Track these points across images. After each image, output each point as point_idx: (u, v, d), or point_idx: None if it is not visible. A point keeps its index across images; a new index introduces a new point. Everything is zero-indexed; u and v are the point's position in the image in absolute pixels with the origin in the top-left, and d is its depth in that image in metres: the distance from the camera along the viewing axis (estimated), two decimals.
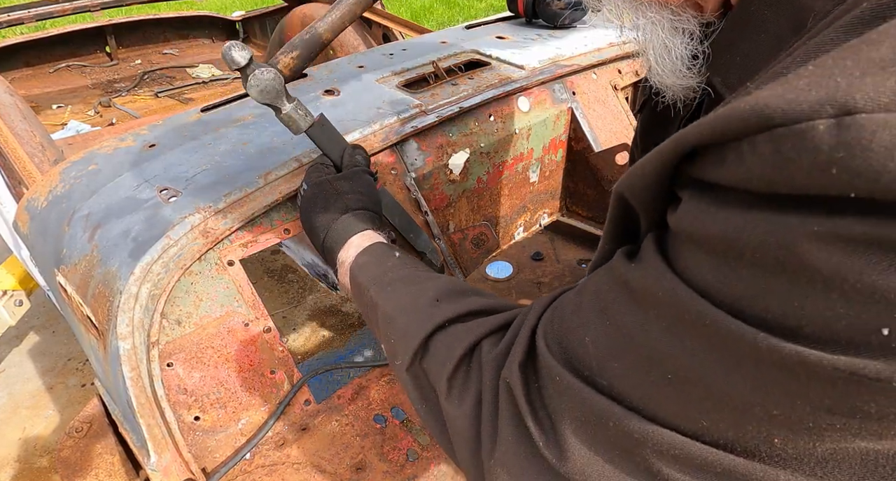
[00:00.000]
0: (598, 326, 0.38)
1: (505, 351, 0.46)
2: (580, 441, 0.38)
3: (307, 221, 0.76)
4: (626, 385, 0.36)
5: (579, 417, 0.38)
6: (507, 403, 0.43)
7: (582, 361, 0.39)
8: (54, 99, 2.57)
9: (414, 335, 0.53)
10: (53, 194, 0.94)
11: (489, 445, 0.44)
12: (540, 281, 1.14)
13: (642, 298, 0.35)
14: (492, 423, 0.44)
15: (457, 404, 0.47)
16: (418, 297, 0.57)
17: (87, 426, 0.86)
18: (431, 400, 0.52)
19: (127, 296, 0.73)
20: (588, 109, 1.27)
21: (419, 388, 0.53)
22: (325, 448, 0.76)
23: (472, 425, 0.46)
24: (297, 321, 2.37)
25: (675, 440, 0.34)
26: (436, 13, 6.04)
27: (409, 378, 0.53)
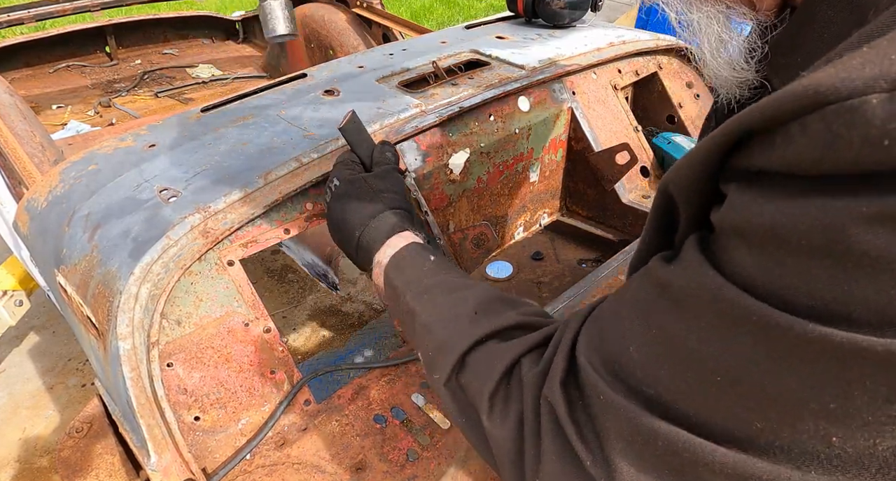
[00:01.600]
0: (641, 334, 0.38)
1: (545, 368, 0.46)
2: (627, 460, 0.37)
3: (339, 219, 0.74)
4: (673, 392, 0.35)
5: (626, 436, 0.37)
6: (549, 422, 0.42)
7: (626, 371, 0.38)
8: (54, 99, 2.57)
9: (452, 350, 0.52)
10: (53, 194, 0.94)
11: (533, 465, 0.43)
12: (540, 280, 1.14)
13: (685, 300, 0.35)
14: (535, 443, 0.43)
15: (499, 423, 0.47)
16: (456, 308, 0.57)
17: (87, 426, 0.86)
18: (471, 417, 0.51)
19: (127, 297, 0.73)
20: (588, 109, 1.27)
21: (457, 403, 0.52)
22: (325, 448, 0.76)
23: (515, 444, 0.45)
24: (298, 321, 2.37)
25: (728, 457, 0.32)
26: (436, 13, 6.04)
27: (447, 392, 0.53)
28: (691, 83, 1.46)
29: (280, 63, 2.73)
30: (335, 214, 0.75)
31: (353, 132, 0.80)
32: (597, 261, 1.27)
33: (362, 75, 1.18)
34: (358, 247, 0.72)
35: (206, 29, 3.11)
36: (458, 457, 0.77)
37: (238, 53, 3.03)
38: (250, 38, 3.15)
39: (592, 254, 1.30)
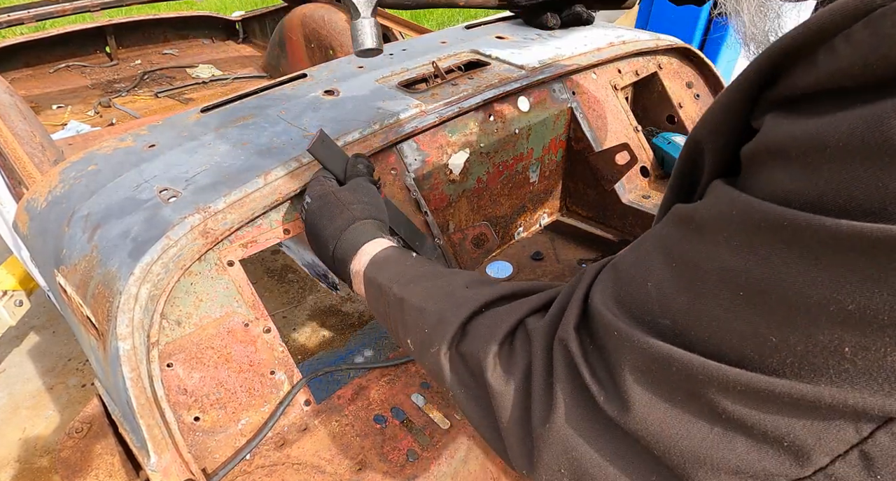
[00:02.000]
0: (661, 268, 0.38)
1: (555, 318, 0.46)
2: (642, 390, 0.37)
3: (314, 236, 0.77)
4: (690, 317, 0.35)
5: (640, 366, 0.37)
6: (562, 364, 0.42)
7: (643, 307, 0.38)
8: (54, 99, 2.57)
9: (451, 320, 0.52)
10: (53, 195, 0.94)
11: (543, 413, 0.42)
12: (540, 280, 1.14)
13: (711, 225, 0.35)
14: (545, 389, 0.43)
15: (504, 379, 0.46)
16: (449, 286, 0.57)
17: (87, 426, 0.86)
18: (470, 385, 0.51)
19: (127, 297, 0.73)
20: (588, 109, 1.27)
21: (456, 373, 0.52)
22: (325, 448, 0.76)
23: (521, 397, 0.45)
24: (297, 321, 2.37)
25: (741, 376, 0.33)
26: (435, 13, 6.04)
27: (447, 363, 0.52)
28: (691, 83, 1.46)
29: (280, 63, 2.73)
30: (310, 230, 0.77)
31: (322, 151, 0.82)
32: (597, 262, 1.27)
33: (362, 75, 1.18)
34: (334, 261, 0.73)
35: (206, 29, 3.11)
36: (458, 457, 0.77)
37: (238, 53, 3.03)
38: (250, 38, 3.15)
39: (592, 255, 1.30)
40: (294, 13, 2.60)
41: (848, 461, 0.32)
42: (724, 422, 0.34)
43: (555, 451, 0.42)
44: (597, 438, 0.40)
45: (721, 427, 0.34)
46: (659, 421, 0.36)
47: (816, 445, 0.32)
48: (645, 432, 0.37)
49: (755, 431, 0.33)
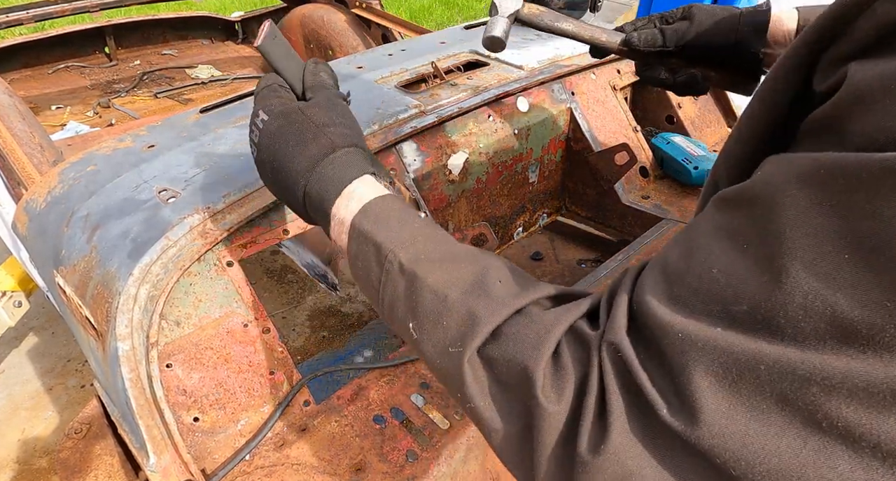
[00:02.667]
0: (726, 252, 0.33)
1: (603, 326, 0.40)
2: (717, 397, 0.31)
3: (274, 167, 0.58)
4: (776, 298, 0.30)
5: (714, 368, 0.32)
6: (616, 374, 0.36)
7: (709, 297, 0.33)
8: (53, 100, 2.57)
9: (484, 319, 0.43)
10: (52, 195, 0.94)
11: (596, 435, 0.36)
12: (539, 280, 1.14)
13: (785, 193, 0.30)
14: (598, 408, 0.37)
15: (556, 397, 0.39)
16: (481, 275, 0.47)
17: (86, 427, 0.86)
18: (498, 397, 0.43)
19: (126, 297, 0.73)
20: (587, 109, 1.27)
21: (480, 382, 0.43)
22: (324, 449, 0.76)
23: (571, 418, 0.38)
24: (297, 322, 2.37)
25: (853, 367, 0.27)
26: (435, 13, 6.04)
27: (469, 369, 0.44)
28: None
29: None
30: (267, 160, 0.59)
31: (276, 51, 0.63)
32: (596, 262, 1.27)
33: (362, 75, 1.18)
34: (306, 201, 0.57)
35: (205, 29, 3.11)
36: (458, 458, 0.77)
37: (237, 54, 3.03)
38: (249, 38, 3.15)
39: (592, 255, 1.30)
40: (293, 14, 2.61)
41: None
42: (824, 433, 0.29)
43: (608, 477, 0.35)
44: (661, 460, 0.34)
45: (819, 439, 0.29)
46: (740, 436, 0.31)
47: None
48: (721, 449, 0.31)
49: (864, 443, 0.28)
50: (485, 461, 0.79)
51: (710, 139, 1.47)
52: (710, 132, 1.48)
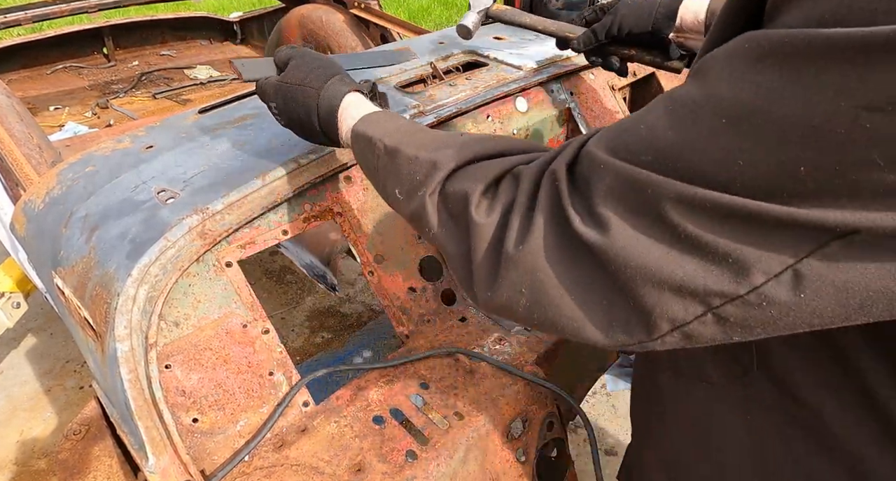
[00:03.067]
0: (658, 113, 0.39)
1: (546, 162, 0.47)
2: (616, 213, 0.40)
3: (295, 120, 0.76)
4: (674, 150, 0.37)
5: (617, 189, 0.40)
6: (547, 195, 0.45)
7: (630, 147, 0.40)
8: (52, 100, 2.56)
9: (444, 164, 0.54)
10: (51, 196, 0.93)
11: (519, 237, 0.45)
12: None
13: (718, 66, 0.36)
14: (525, 217, 0.46)
15: (486, 213, 0.49)
16: (448, 137, 0.59)
17: (85, 428, 0.86)
18: (449, 224, 0.53)
19: (125, 298, 0.72)
20: (586, 109, 1.27)
21: (438, 213, 0.54)
22: (323, 449, 0.76)
23: (500, 227, 0.47)
24: (296, 322, 2.36)
25: (708, 195, 0.35)
26: (434, 14, 6.04)
27: (430, 204, 0.54)
28: None
29: None
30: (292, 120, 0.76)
31: (255, 70, 0.81)
32: None
33: (361, 76, 1.18)
34: (321, 128, 0.73)
35: (203, 30, 3.11)
36: (458, 458, 0.77)
37: (236, 54, 3.02)
38: (248, 39, 3.15)
39: None
40: (292, 14, 2.60)
41: (780, 280, 0.35)
42: (681, 243, 0.37)
43: (521, 271, 0.45)
44: (564, 262, 0.43)
45: (679, 247, 0.37)
46: (626, 240, 0.39)
47: (757, 263, 0.35)
48: (612, 252, 0.40)
49: (707, 250, 0.36)
50: (484, 461, 0.79)
51: None
52: None
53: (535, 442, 0.84)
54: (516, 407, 0.82)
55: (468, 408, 0.80)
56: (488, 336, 0.92)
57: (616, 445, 1.90)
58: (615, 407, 2.03)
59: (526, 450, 0.83)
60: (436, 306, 0.97)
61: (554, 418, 0.86)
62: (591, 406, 2.02)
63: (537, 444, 0.84)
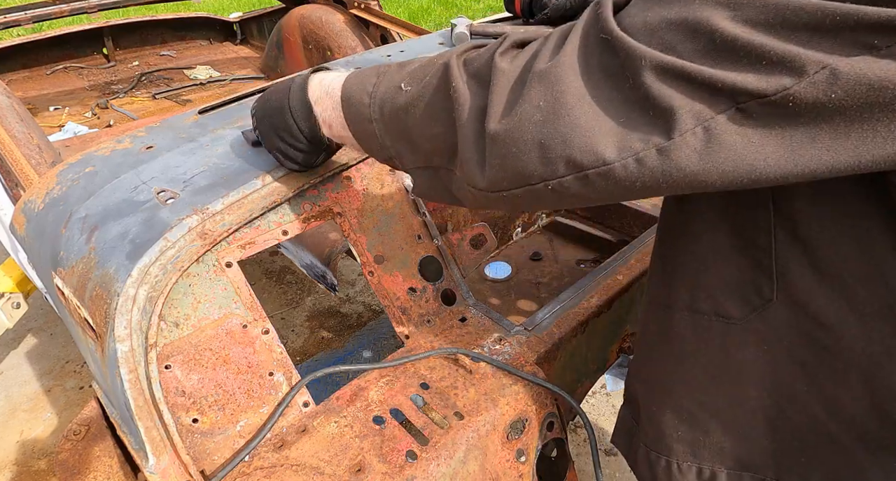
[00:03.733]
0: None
1: (572, 24, 0.49)
2: (653, 18, 0.42)
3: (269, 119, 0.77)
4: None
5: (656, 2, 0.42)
6: (589, 13, 0.46)
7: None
8: (51, 101, 2.56)
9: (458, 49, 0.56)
10: (50, 196, 0.93)
11: (550, 55, 0.47)
12: (539, 281, 1.14)
13: None
14: (557, 42, 0.48)
15: (510, 59, 0.50)
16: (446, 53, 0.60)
17: (85, 428, 0.86)
18: (470, 83, 0.53)
19: (125, 299, 0.72)
20: None
21: (462, 72, 0.54)
22: (323, 449, 0.76)
23: (525, 64, 0.48)
24: (296, 322, 2.37)
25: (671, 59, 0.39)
26: (434, 14, 6.04)
27: (455, 63, 0.54)
28: None
29: (278, 64, 2.73)
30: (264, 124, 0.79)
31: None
32: (595, 262, 1.27)
33: None
34: (293, 115, 0.73)
35: (203, 30, 3.11)
36: (458, 458, 0.77)
37: (236, 55, 3.03)
38: (248, 39, 3.15)
39: (591, 255, 1.30)
40: (291, 14, 2.60)
41: (695, 133, 0.39)
42: (718, 46, 0.38)
43: (546, 84, 0.45)
44: (591, 72, 0.44)
45: (714, 48, 0.39)
46: (660, 42, 0.41)
47: (683, 115, 0.39)
48: (640, 50, 0.41)
49: (743, 51, 0.38)
50: (484, 461, 0.79)
51: None
52: None
53: (535, 442, 0.84)
54: (516, 407, 0.82)
55: (468, 408, 0.80)
56: (488, 336, 0.92)
57: None
58: (615, 407, 2.03)
59: (526, 450, 0.83)
60: (436, 306, 0.97)
61: (554, 418, 0.86)
62: (591, 406, 2.02)
63: (537, 444, 0.84)
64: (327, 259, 1.33)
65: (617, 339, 1.09)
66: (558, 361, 0.94)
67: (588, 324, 0.96)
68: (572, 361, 0.98)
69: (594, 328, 0.99)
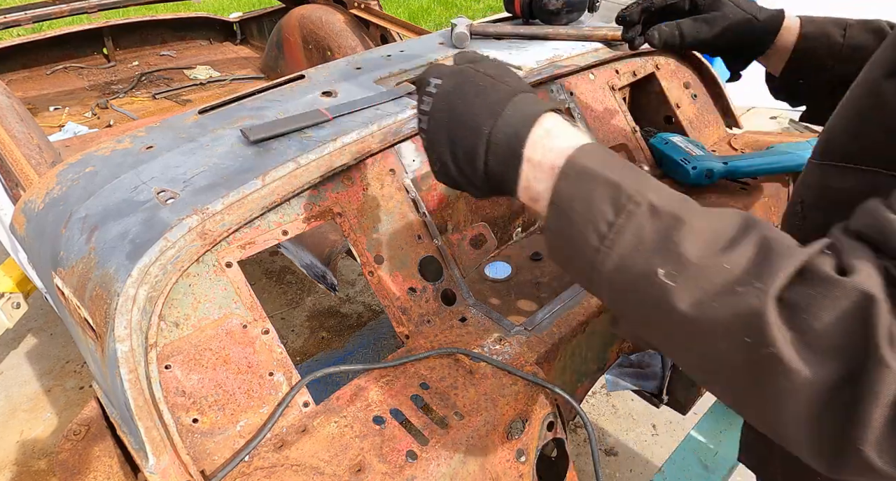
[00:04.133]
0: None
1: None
2: None
3: (451, 125, 0.56)
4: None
5: None
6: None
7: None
8: (51, 101, 2.57)
9: (783, 258, 0.40)
10: (50, 196, 0.93)
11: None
12: (539, 281, 1.14)
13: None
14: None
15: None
16: (749, 220, 0.45)
17: (85, 428, 0.86)
18: (813, 340, 0.38)
19: (125, 299, 0.72)
20: (585, 110, 1.27)
21: (788, 322, 0.39)
22: (324, 449, 0.76)
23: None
24: (296, 322, 2.37)
25: None
26: (433, 14, 6.05)
27: (773, 308, 0.39)
28: (689, 83, 1.46)
29: (278, 64, 2.73)
30: (443, 120, 0.57)
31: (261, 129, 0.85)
32: None
33: (360, 76, 1.18)
34: (489, 154, 0.54)
35: (203, 30, 3.11)
36: (458, 458, 0.77)
37: (236, 55, 3.03)
38: (248, 39, 3.15)
39: None
40: (292, 14, 2.60)
41: None
42: None
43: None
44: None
45: None
46: None
47: None
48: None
49: None
50: (485, 461, 0.79)
51: (709, 139, 1.47)
52: (709, 132, 1.48)
53: (534, 442, 0.84)
54: (516, 407, 0.82)
55: (468, 408, 0.80)
56: (488, 336, 0.92)
57: (616, 445, 1.91)
58: (615, 407, 2.03)
59: (526, 450, 0.83)
60: (436, 306, 0.97)
61: (554, 418, 0.86)
62: (591, 406, 2.02)
63: (537, 444, 0.84)
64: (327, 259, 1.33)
65: (617, 340, 1.09)
66: (558, 361, 0.94)
67: (588, 324, 0.96)
68: (572, 361, 0.98)
69: (594, 328, 0.99)
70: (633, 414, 2.00)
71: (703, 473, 1.43)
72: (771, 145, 1.34)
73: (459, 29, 1.33)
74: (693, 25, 0.87)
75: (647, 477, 1.79)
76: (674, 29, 0.87)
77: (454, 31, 1.34)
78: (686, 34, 0.87)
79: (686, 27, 0.87)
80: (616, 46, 1.35)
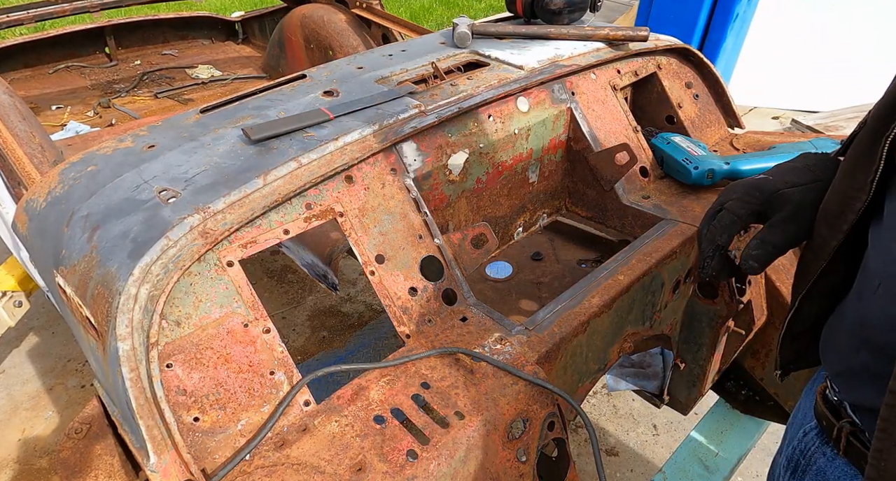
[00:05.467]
0: None
1: None
2: None
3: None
4: None
5: None
6: None
7: None
8: (54, 100, 2.57)
9: None
10: (52, 195, 0.94)
11: None
12: (540, 281, 1.14)
13: None
14: None
15: None
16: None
17: (86, 427, 0.86)
18: None
19: (126, 297, 0.73)
20: (587, 109, 1.27)
21: None
22: (324, 448, 0.76)
23: None
24: (297, 322, 2.37)
25: None
26: (435, 14, 6.05)
27: None
28: (690, 83, 1.46)
29: (279, 64, 2.73)
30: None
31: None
32: (596, 262, 1.27)
33: (362, 76, 1.18)
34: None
35: (205, 29, 3.12)
36: (458, 457, 0.77)
37: (237, 54, 3.03)
38: (250, 38, 3.15)
39: (592, 255, 1.30)
40: (293, 14, 2.60)
41: None
42: None
43: None
44: None
45: None
46: None
47: None
48: None
49: None
50: (485, 461, 0.79)
51: (710, 139, 1.47)
52: (710, 132, 1.48)
53: (535, 442, 0.84)
54: (517, 407, 0.82)
55: (468, 408, 0.80)
56: (489, 336, 0.92)
57: (617, 445, 1.90)
58: (616, 407, 2.03)
59: (526, 450, 0.83)
60: (437, 306, 0.97)
61: (555, 418, 0.86)
62: (591, 406, 2.02)
63: (538, 444, 0.84)
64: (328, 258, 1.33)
65: (618, 340, 1.09)
66: (559, 361, 0.94)
67: (589, 324, 0.96)
68: (573, 361, 0.98)
69: (595, 328, 0.99)
70: (633, 415, 2.00)
71: (703, 473, 1.43)
72: (773, 145, 1.34)
73: (461, 28, 1.33)
74: (782, 232, 0.75)
75: (648, 477, 1.79)
76: (766, 246, 0.75)
77: (456, 30, 1.33)
78: (779, 245, 0.75)
79: (774, 236, 0.75)
80: (618, 46, 1.35)
